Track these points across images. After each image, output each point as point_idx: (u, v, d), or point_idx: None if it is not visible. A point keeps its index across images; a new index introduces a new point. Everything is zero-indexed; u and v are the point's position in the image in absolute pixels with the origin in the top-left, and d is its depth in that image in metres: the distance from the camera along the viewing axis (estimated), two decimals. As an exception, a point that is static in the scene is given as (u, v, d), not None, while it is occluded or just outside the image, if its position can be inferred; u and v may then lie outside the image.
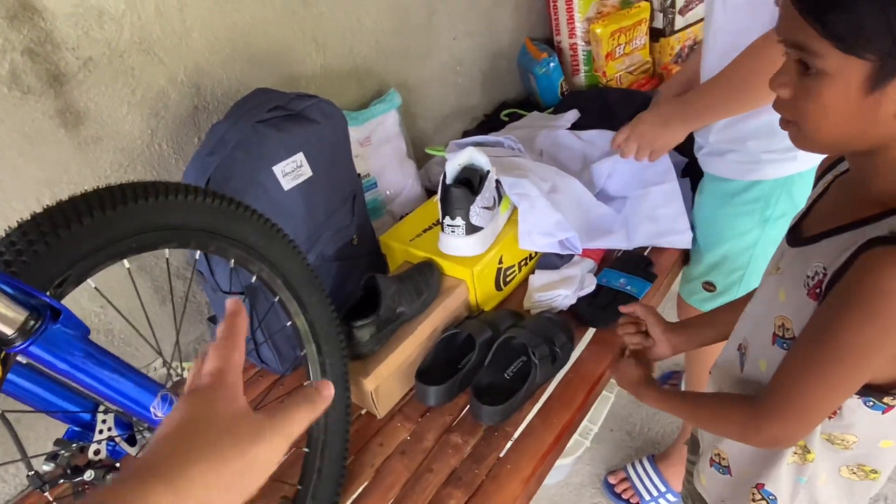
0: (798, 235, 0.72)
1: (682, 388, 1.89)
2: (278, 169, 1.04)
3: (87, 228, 0.58)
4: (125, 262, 0.64)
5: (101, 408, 0.63)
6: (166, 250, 0.70)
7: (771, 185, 1.14)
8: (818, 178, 0.79)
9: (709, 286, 1.32)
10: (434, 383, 1.01)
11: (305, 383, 0.90)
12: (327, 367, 0.90)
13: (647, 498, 1.64)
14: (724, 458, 0.85)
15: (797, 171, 1.11)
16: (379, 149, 1.43)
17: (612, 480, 1.70)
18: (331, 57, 1.37)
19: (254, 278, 0.82)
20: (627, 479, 1.68)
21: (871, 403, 0.66)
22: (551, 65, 1.80)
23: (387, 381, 1.02)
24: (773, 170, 1.09)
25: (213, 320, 1.23)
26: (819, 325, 0.62)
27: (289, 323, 0.88)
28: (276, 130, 1.04)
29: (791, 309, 0.69)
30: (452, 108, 1.79)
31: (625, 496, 1.67)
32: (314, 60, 1.33)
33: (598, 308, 1.15)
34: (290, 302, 0.86)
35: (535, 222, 1.18)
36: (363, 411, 1.06)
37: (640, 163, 1.28)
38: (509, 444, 0.97)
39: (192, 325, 1.24)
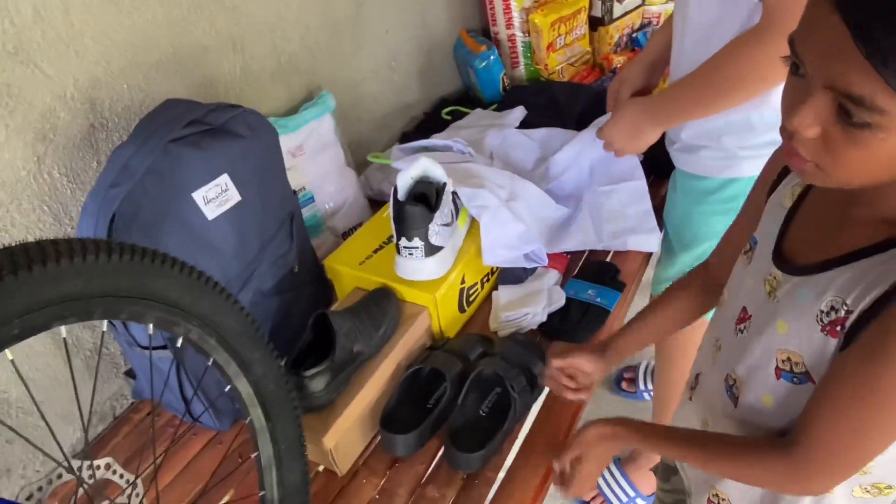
0: (788, 260, 0.65)
1: (643, 376, 1.85)
2: (199, 195, 0.89)
3: (-59, 323, 0.42)
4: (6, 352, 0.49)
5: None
6: (63, 328, 0.54)
7: (747, 183, 1.07)
8: (773, 184, 0.72)
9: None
10: (402, 430, 0.89)
11: (253, 455, 0.76)
12: (278, 433, 0.76)
13: (616, 502, 1.59)
14: (723, 499, 0.78)
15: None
16: (314, 158, 1.28)
17: (586, 497, 1.64)
18: (250, 58, 1.20)
19: (180, 341, 0.67)
20: (596, 487, 1.63)
21: None
22: (491, 58, 1.69)
23: (347, 434, 0.89)
24: (749, 166, 1.03)
25: (130, 374, 1.05)
26: (863, 376, 0.55)
27: (227, 388, 0.73)
28: (195, 149, 0.88)
29: (799, 343, 0.62)
30: (390, 108, 1.65)
31: (594, 503, 1.61)
32: (231, 62, 1.17)
33: (571, 325, 1.06)
34: (228, 364, 0.71)
35: (497, 236, 1.08)
36: (320, 467, 0.93)
37: (603, 157, 1.21)
38: (492, 492, 0.86)
39: (107, 382, 1.06)
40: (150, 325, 0.62)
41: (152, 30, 1.00)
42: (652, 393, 1.78)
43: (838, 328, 0.57)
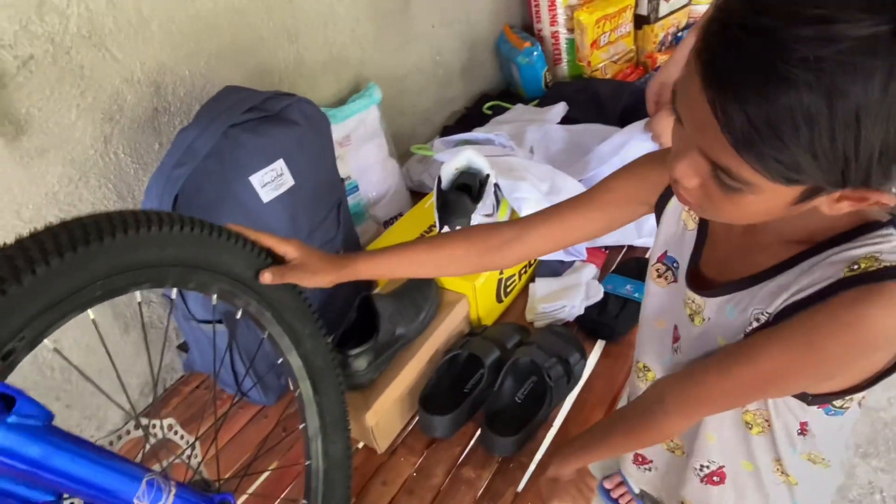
0: (707, 283, 0.66)
1: None
2: (256, 179, 0.93)
3: (42, 279, 0.46)
4: (89, 311, 0.53)
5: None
6: (138, 293, 0.58)
7: None
8: (659, 206, 0.72)
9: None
10: (440, 412, 0.92)
11: (300, 426, 0.80)
12: (324, 406, 0.80)
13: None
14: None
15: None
16: (360, 148, 1.32)
17: (608, 485, 1.64)
18: (304, 48, 1.24)
19: (239, 313, 0.71)
20: (624, 482, 1.63)
21: (832, 412, 0.64)
22: (534, 54, 1.70)
23: (387, 412, 0.92)
24: None
25: (183, 348, 1.10)
26: (740, 344, 0.60)
27: (280, 360, 0.77)
28: (253, 135, 0.92)
29: None
30: (432, 102, 1.68)
31: (622, 501, 1.62)
32: (287, 52, 1.21)
33: (609, 318, 1.08)
34: (282, 337, 0.75)
35: (537, 228, 1.09)
36: (360, 444, 0.96)
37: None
38: (526, 476, 0.88)
39: (159, 355, 1.11)
40: (214, 296, 0.66)
41: (214, 18, 1.05)
42: None
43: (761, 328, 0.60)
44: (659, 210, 0.72)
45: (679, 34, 1.89)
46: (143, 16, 0.95)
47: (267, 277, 0.71)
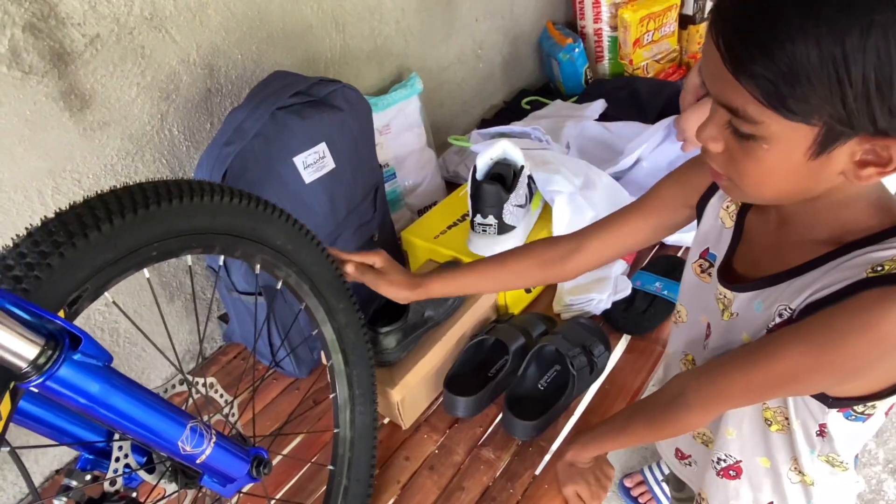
0: (738, 278, 0.68)
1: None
2: (299, 160, 0.97)
3: (106, 236, 0.51)
4: (144, 271, 0.57)
5: (117, 434, 0.57)
6: (189, 257, 0.63)
7: None
8: (700, 207, 0.75)
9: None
10: (464, 393, 0.95)
11: (331, 395, 0.84)
12: (354, 378, 0.83)
13: (665, 502, 1.59)
14: (704, 499, 0.82)
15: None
16: (399, 137, 1.36)
17: (628, 483, 1.65)
18: (350, 37, 1.28)
19: (279, 283, 0.75)
20: (644, 482, 1.64)
21: (853, 417, 0.64)
22: (576, 51, 1.71)
23: (413, 390, 0.96)
24: None
25: (223, 318, 1.16)
26: (766, 338, 0.61)
27: (315, 331, 0.81)
28: (298, 118, 0.96)
29: None
30: (471, 95, 1.70)
31: (641, 500, 1.62)
32: (333, 41, 1.25)
33: (636, 315, 1.09)
34: (318, 309, 0.79)
35: (569, 221, 1.11)
36: (386, 420, 1.00)
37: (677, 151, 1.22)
38: (545, 460, 0.91)
39: (201, 325, 1.17)
40: (258, 266, 0.70)
41: (267, 4, 1.09)
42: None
43: (784, 325, 0.61)
44: (700, 210, 0.75)
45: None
46: (201, 0, 1.00)
47: (350, 268, 0.83)
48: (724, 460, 0.77)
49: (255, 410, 0.83)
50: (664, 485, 1.60)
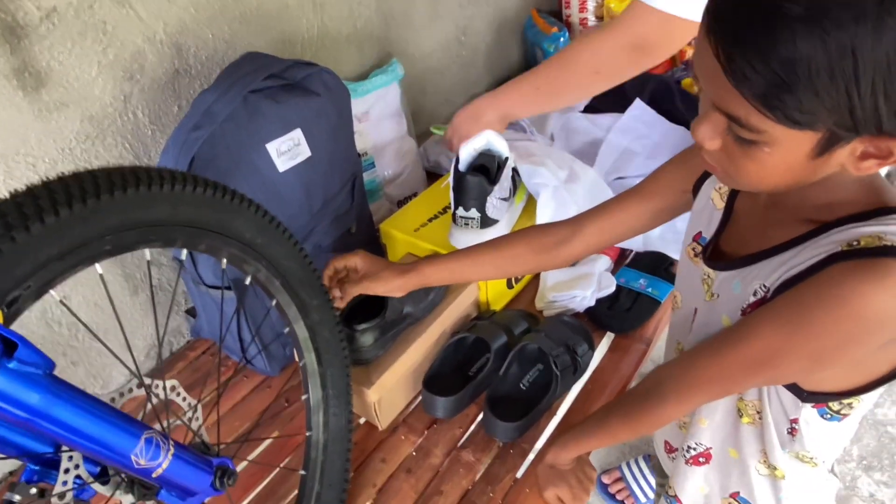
0: (722, 257, 0.67)
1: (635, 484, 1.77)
2: (273, 147, 0.92)
3: (51, 229, 0.46)
4: (97, 266, 0.52)
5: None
6: (147, 251, 0.58)
7: None
8: (695, 190, 0.73)
9: None
10: (443, 393, 0.91)
11: (303, 397, 0.80)
12: (328, 379, 0.79)
13: (643, 500, 1.58)
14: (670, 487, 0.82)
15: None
16: (378, 125, 1.31)
17: (605, 480, 1.64)
18: (329, 19, 1.23)
19: (248, 279, 0.71)
20: (622, 478, 1.63)
21: (828, 416, 0.63)
22: (561, 40, 1.67)
23: (390, 390, 0.92)
24: None
25: (191, 313, 1.10)
26: (739, 323, 0.60)
27: (286, 329, 0.77)
28: (272, 102, 0.91)
29: None
30: (454, 82, 1.66)
31: (619, 497, 1.61)
32: (311, 22, 1.19)
33: (620, 312, 1.06)
34: (289, 306, 0.75)
35: (553, 215, 1.08)
36: (362, 420, 0.96)
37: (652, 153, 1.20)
38: (526, 463, 0.88)
39: (165, 318, 1.11)
40: (224, 260, 0.66)
41: (240, -17, 1.03)
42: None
43: (759, 304, 0.60)
44: (695, 192, 0.73)
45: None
46: (169, -25, 0.94)
47: (336, 294, 0.82)
48: (695, 448, 0.76)
49: (220, 415, 0.79)
50: (642, 481, 1.60)
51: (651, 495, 1.58)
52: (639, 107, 1.38)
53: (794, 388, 0.61)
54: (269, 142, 0.91)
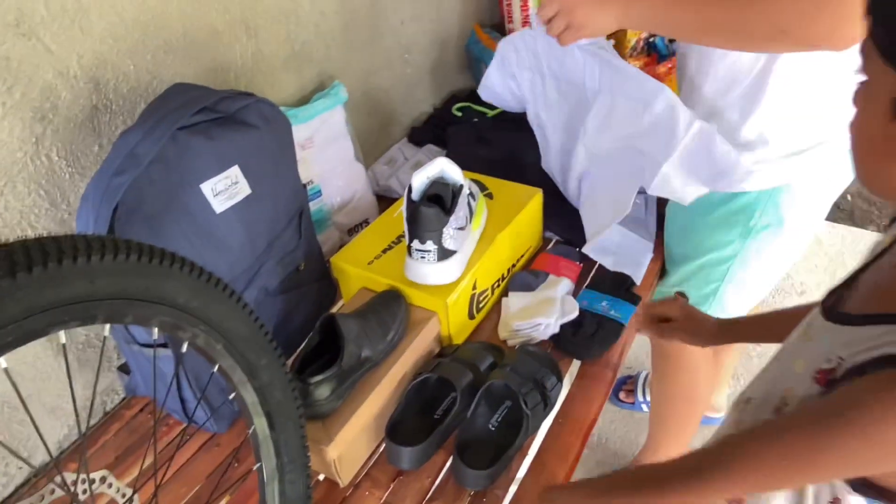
0: (834, 307, 0.60)
1: (641, 387, 1.82)
2: (208, 187, 0.84)
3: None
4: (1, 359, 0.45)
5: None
6: (62, 333, 0.50)
7: (757, 195, 1.05)
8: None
9: (682, 296, 1.23)
10: (408, 443, 0.85)
11: (255, 467, 0.72)
12: (281, 444, 0.72)
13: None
14: None
15: (786, 181, 1.02)
16: (324, 151, 1.24)
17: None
18: (263, 43, 1.15)
19: (185, 346, 0.63)
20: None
21: None
22: (506, 54, 1.64)
23: (351, 443, 0.85)
24: (759, 180, 0.99)
25: (123, 369, 1.01)
26: (812, 407, 0.55)
27: (232, 395, 0.69)
28: (205, 138, 0.83)
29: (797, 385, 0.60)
30: (400, 102, 1.60)
31: None
32: (244, 47, 1.12)
33: (585, 339, 1.03)
34: (234, 370, 0.67)
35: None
36: (321, 477, 0.89)
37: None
38: (501, 511, 0.83)
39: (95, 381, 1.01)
40: (155, 329, 0.58)
41: (163, 8, 0.95)
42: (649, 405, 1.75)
43: (829, 379, 0.54)
44: None
45: (652, 40, 1.85)
46: (82, 3, 0.85)
47: (650, 333, 0.91)
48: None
49: (159, 484, 0.69)
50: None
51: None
52: None
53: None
54: (202, 182, 0.83)
